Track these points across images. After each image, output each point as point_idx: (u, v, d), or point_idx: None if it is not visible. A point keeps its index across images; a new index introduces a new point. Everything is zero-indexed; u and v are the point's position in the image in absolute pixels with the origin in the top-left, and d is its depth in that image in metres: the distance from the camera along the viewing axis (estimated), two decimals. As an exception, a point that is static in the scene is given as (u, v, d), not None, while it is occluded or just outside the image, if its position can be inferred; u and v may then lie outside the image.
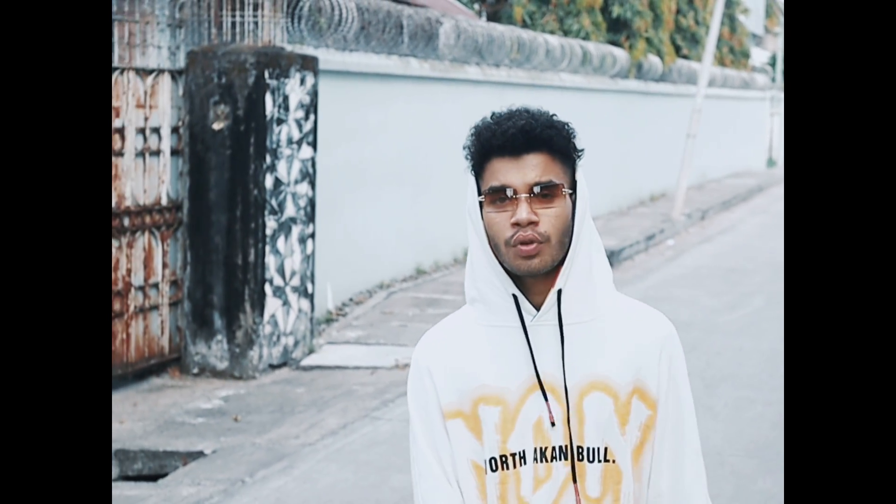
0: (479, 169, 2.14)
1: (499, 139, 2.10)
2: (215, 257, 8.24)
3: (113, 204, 7.73)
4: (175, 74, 8.23)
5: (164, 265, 8.25)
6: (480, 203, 2.13)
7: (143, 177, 8.01)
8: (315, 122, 8.65)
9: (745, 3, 28.29)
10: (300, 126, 8.48)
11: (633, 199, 19.26)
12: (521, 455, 2.15)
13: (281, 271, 8.37)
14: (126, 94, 7.80)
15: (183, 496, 5.62)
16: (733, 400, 7.44)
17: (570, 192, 2.14)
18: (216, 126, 8.15)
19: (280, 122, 8.25)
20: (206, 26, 8.32)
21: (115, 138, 7.73)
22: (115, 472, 6.42)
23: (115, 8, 8.24)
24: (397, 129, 10.96)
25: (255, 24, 8.26)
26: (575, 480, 2.14)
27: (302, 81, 8.46)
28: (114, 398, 7.57)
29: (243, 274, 8.19)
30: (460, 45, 11.93)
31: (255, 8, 8.23)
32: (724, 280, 12.57)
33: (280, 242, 8.34)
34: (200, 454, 6.34)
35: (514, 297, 2.14)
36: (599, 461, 2.14)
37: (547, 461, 2.14)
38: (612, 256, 13.65)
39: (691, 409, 2.23)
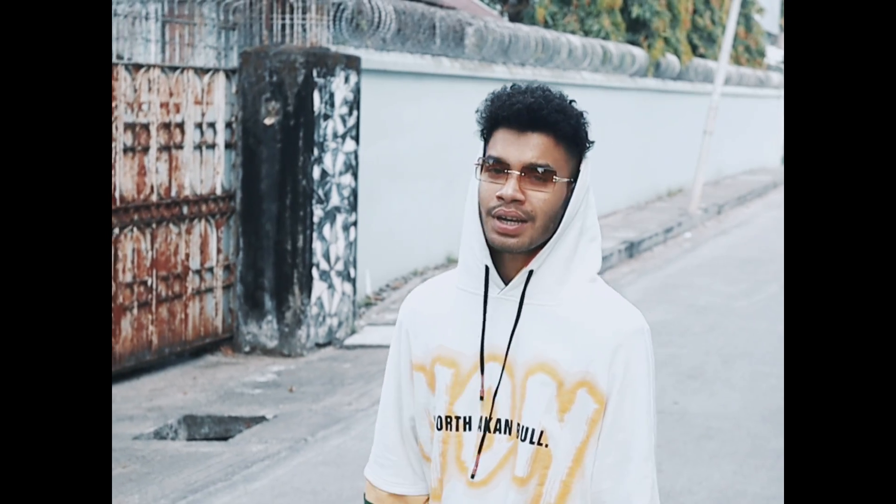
0: (486, 135, 2.17)
1: (506, 111, 2.11)
2: (266, 243, 8.86)
3: (174, 193, 8.36)
4: (229, 73, 8.85)
5: (219, 251, 8.87)
6: (479, 168, 2.16)
7: (200, 168, 8.64)
8: (358, 117, 9.27)
9: (761, 3, 28.82)
10: (344, 121, 9.10)
11: (651, 194, 19.83)
12: (467, 420, 2.18)
13: (326, 256, 8.99)
14: (185, 91, 8.43)
15: (253, 452, 6.25)
16: (749, 374, 8.03)
17: (570, 180, 2.15)
18: (268, 121, 8.77)
19: (326, 117, 8.87)
20: (257, 28, 8.94)
21: (176, 132, 8.36)
22: (182, 435, 7.03)
23: (170, 11, 8.88)
24: (429, 125, 11.57)
25: (303, 26, 8.88)
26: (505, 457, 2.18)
27: (346, 80, 9.08)
28: (173, 372, 8.20)
29: (292, 258, 8.81)
30: (488, 46, 12.54)
31: (304, 11, 8.85)
32: (740, 269, 13.14)
33: (326, 229, 8.96)
34: (263, 419, 6.97)
35: (486, 267, 2.18)
36: (532, 442, 2.14)
37: (490, 432, 2.16)
38: (633, 248, 14.24)
39: (646, 412, 2.17)
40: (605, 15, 18.04)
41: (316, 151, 8.79)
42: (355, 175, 9.30)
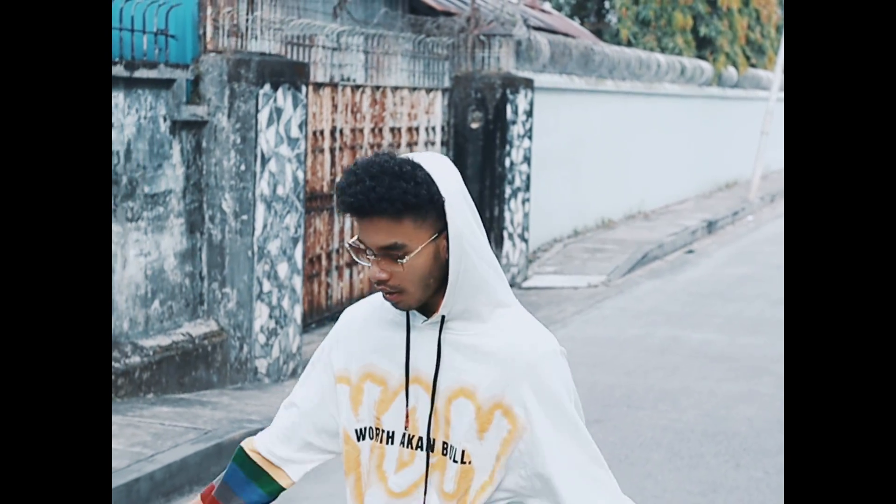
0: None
1: (348, 202, 2.22)
2: (470, 213, 12.39)
3: (412, 176, 11.89)
4: (444, 91, 12.40)
5: (435, 218, 12.41)
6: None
7: (426, 159, 12.18)
8: (531, 123, 12.80)
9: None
10: (524, 125, 12.64)
11: (713, 186, 23.29)
12: (390, 435, 2.37)
13: (512, 223, 12.52)
14: (419, 105, 11.98)
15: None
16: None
17: (434, 237, 2.24)
18: (473, 126, 12.31)
19: (513, 123, 12.41)
20: (464, 59, 12.49)
21: (414, 133, 11.92)
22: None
23: (370, 44, 12.42)
24: (563, 127, 15.10)
25: (497, 58, 12.42)
26: (428, 473, 2.34)
27: (525, 95, 12.62)
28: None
29: (489, 224, 12.34)
30: (603, 65, 16.06)
31: (499, 47, 12.40)
32: (798, 241, 16.58)
33: (512, 203, 12.50)
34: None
35: (407, 312, 2.34)
36: (456, 461, 2.32)
37: (412, 448, 2.35)
38: (710, 226, 17.71)
39: (574, 423, 2.31)
40: (678, 34, 21.54)
41: (507, 147, 12.34)
42: (529, 164, 12.84)
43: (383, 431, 2.37)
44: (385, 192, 2.19)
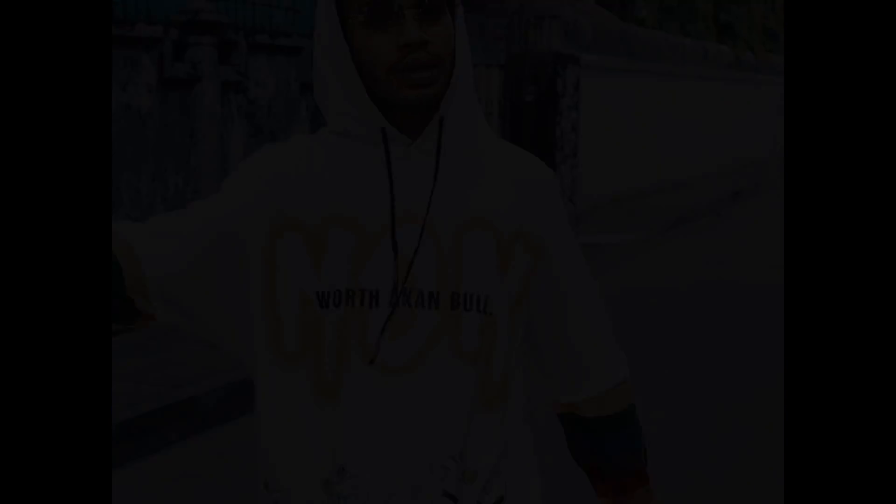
0: None
1: None
2: (525, 177, 13.82)
3: (474, 143, 13.32)
4: (500, 67, 13.80)
5: (494, 182, 13.83)
6: (345, 25, 1.68)
7: (486, 128, 13.61)
8: (578, 96, 14.20)
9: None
10: (572, 98, 14.05)
11: (734, 162, 24.69)
12: (374, 294, 1.72)
13: (562, 186, 13.93)
14: (479, 80, 13.37)
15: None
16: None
17: (450, 5, 1.71)
18: (527, 98, 13.72)
19: (562, 96, 13.81)
20: (518, 39, 13.91)
21: (476, 105, 13.32)
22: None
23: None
24: (600, 101, 16.50)
25: (549, 37, 13.83)
26: (437, 335, 1.73)
27: (573, 71, 14.02)
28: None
29: (542, 186, 13.75)
30: (635, 47, 17.48)
31: (549, 28, 13.81)
32: (818, 208, 18.01)
33: (562, 168, 13.91)
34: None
35: (383, 130, 1.73)
36: (479, 311, 1.74)
37: (412, 306, 1.72)
38: (735, 197, 19.11)
39: (579, 250, 1.93)
40: (700, 20, 22.95)
41: (557, 118, 13.75)
42: (576, 133, 14.25)
43: (364, 292, 1.73)
44: None
